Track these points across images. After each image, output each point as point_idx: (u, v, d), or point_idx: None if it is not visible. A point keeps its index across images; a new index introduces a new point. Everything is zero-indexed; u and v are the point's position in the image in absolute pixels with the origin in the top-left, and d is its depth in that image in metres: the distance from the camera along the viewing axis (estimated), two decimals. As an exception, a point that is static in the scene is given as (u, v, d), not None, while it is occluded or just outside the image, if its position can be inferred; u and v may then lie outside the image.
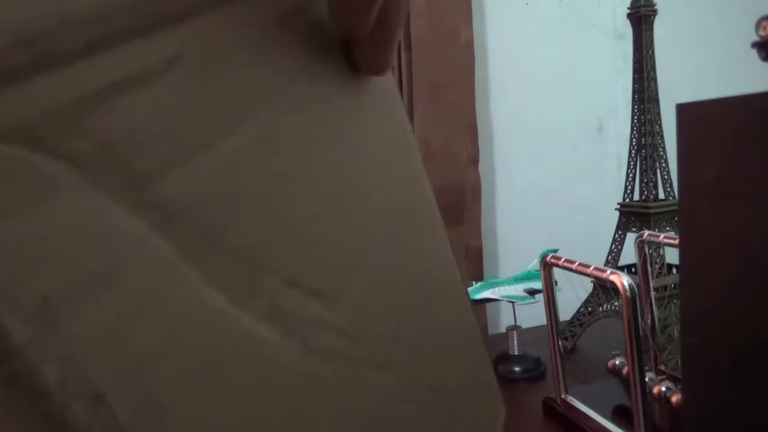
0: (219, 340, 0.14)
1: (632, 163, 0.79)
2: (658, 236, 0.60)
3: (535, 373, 0.74)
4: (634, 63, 0.77)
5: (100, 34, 0.12)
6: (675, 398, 0.55)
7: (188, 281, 0.13)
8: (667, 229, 0.75)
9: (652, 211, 0.75)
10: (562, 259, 0.57)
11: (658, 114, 0.77)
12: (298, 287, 0.16)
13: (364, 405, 0.18)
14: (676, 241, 0.56)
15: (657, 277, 0.73)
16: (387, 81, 0.22)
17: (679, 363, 0.58)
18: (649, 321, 0.62)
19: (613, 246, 0.82)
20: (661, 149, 0.77)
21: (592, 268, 0.52)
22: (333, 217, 0.18)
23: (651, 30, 0.75)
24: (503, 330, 0.82)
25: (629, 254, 0.73)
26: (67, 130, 0.11)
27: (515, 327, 0.76)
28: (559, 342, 0.61)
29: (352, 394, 0.17)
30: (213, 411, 0.13)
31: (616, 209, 0.82)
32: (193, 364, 0.13)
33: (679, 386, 0.55)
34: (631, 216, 0.79)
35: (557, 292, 0.64)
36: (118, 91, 0.12)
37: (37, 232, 0.11)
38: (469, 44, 0.93)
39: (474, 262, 0.95)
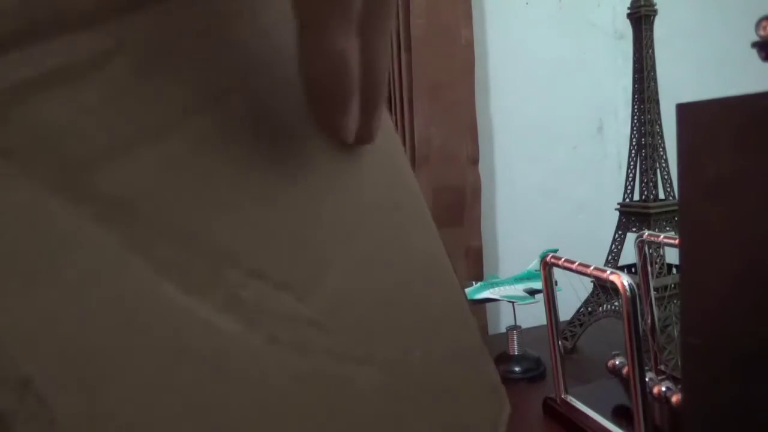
0: (169, 329, 0.13)
1: (632, 163, 0.79)
2: (658, 236, 0.60)
3: (535, 373, 0.74)
4: (634, 63, 0.77)
5: (33, 25, 0.12)
6: (675, 398, 0.55)
7: (133, 271, 0.13)
8: (667, 229, 0.75)
9: (652, 211, 0.75)
10: (562, 259, 0.57)
11: (658, 114, 0.77)
12: (263, 279, 0.16)
13: (345, 400, 0.17)
14: (676, 241, 0.56)
15: (657, 277, 0.73)
16: None
17: (679, 363, 0.58)
18: (649, 321, 0.62)
19: (613, 246, 0.82)
20: (661, 149, 0.77)
21: (592, 268, 0.52)
22: (304, 210, 0.18)
23: (651, 30, 0.75)
24: (503, 330, 0.82)
25: (629, 254, 0.73)
26: None
27: (515, 327, 0.76)
28: (559, 342, 0.61)
29: (331, 388, 0.17)
30: (161, 402, 0.13)
31: (616, 209, 0.82)
32: (139, 353, 0.13)
33: (679, 386, 0.55)
34: (631, 216, 0.79)
35: (557, 292, 0.64)
36: (50, 82, 0.12)
37: None
38: (469, 44, 0.93)
39: (474, 262, 0.95)
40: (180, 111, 0.15)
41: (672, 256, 0.75)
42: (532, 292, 0.76)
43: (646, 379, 0.51)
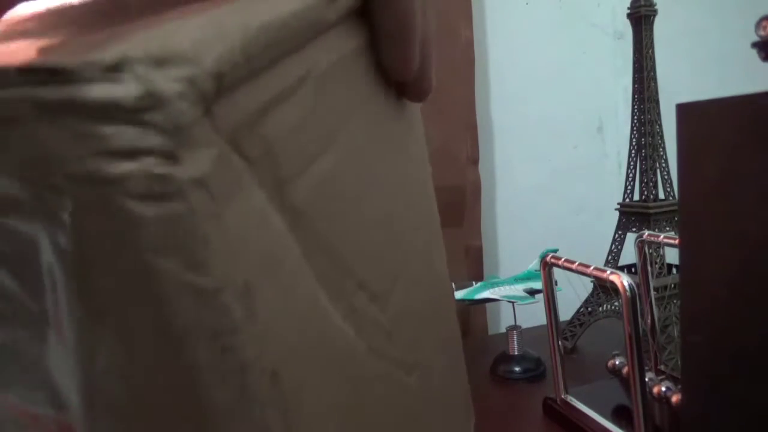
0: (327, 336, 0.15)
1: (632, 163, 0.79)
2: (658, 236, 0.60)
3: (535, 373, 0.74)
4: (634, 63, 0.77)
5: (275, 53, 0.13)
6: (675, 398, 0.55)
7: (308, 278, 0.15)
8: (667, 229, 0.75)
9: (652, 211, 0.75)
10: (562, 259, 0.57)
11: (658, 114, 0.77)
12: (365, 290, 0.17)
13: (402, 403, 0.19)
14: (676, 241, 0.56)
15: (657, 277, 0.73)
16: (416, 105, 0.25)
17: (679, 363, 0.58)
18: (649, 321, 0.62)
19: (613, 246, 0.82)
20: (661, 149, 0.77)
21: (592, 268, 0.52)
22: (390, 227, 0.20)
23: (651, 30, 0.75)
24: (503, 330, 0.82)
25: (629, 254, 0.73)
26: (249, 134, 0.13)
27: (515, 327, 0.76)
28: (559, 342, 0.61)
29: (393, 388, 0.19)
30: (327, 399, 0.14)
31: (616, 209, 0.82)
32: (314, 357, 0.14)
33: (679, 386, 0.55)
34: (631, 216, 0.79)
35: (557, 292, 0.64)
36: (276, 103, 0.14)
37: (238, 222, 0.12)
38: (469, 44, 0.93)
39: (474, 262, 0.95)
40: (334, 130, 0.16)
41: (672, 256, 0.75)
42: (532, 292, 0.76)
43: (646, 379, 0.51)
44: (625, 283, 0.47)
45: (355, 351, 0.16)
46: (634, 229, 0.79)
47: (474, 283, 0.79)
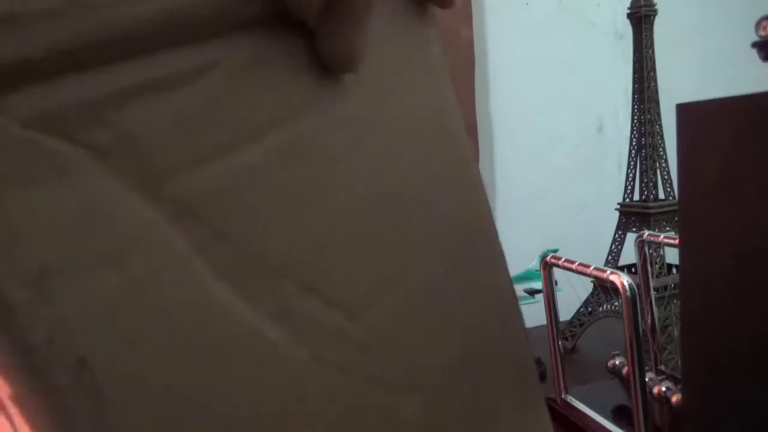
0: (219, 331, 0.14)
1: (632, 163, 0.79)
2: (658, 236, 0.60)
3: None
4: (634, 63, 0.77)
5: (142, 40, 0.13)
6: (675, 398, 0.55)
7: (195, 271, 0.14)
8: (667, 229, 0.75)
9: (652, 211, 0.75)
10: (562, 259, 0.57)
11: (658, 114, 0.77)
12: (316, 295, 0.16)
13: (383, 428, 0.17)
14: (676, 241, 0.56)
15: (657, 277, 0.73)
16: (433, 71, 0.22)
17: (679, 363, 0.58)
18: (649, 321, 0.62)
19: (613, 246, 0.82)
20: (661, 149, 0.77)
21: (592, 268, 0.52)
22: (368, 232, 0.18)
23: (651, 30, 0.75)
24: (503, 330, 0.82)
25: (629, 254, 0.73)
26: (91, 122, 0.13)
27: (515, 327, 0.76)
28: (559, 342, 0.61)
29: (369, 414, 0.17)
30: (201, 399, 0.14)
31: (616, 209, 0.82)
32: (189, 350, 0.14)
33: (679, 386, 0.55)
34: (631, 216, 0.79)
35: (557, 292, 0.64)
36: (146, 92, 0.13)
37: (42, 206, 0.12)
38: (469, 44, 0.93)
39: (474, 262, 0.95)
40: (256, 127, 0.16)
41: (672, 256, 0.75)
42: (532, 292, 0.76)
43: (646, 379, 0.51)
44: (625, 283, 0.47)
45: (286, 357, 0.15)
46: (634, 229, 0.79)
47: (474, 283, 0.78)
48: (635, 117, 0.78)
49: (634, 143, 0.79)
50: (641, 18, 0.75)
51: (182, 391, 0.13)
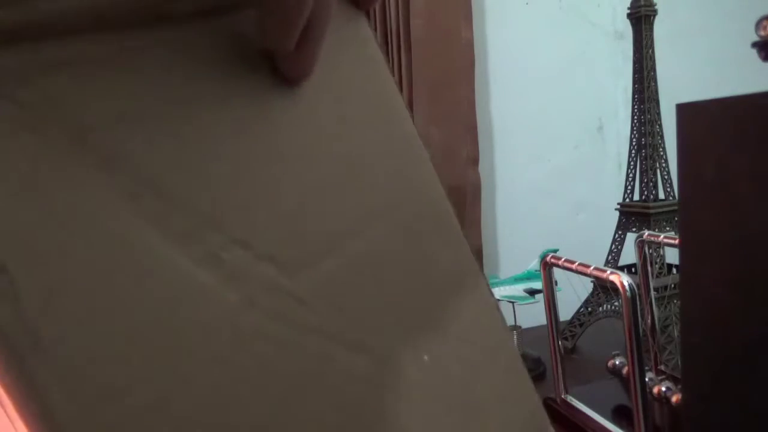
0: (139, 259, 0.16)
1: (632, 163, 0.79)
2: (658, 236, 0.60)
3: (535, 373, 0.74)
4: (634, 63, 0.77)
5: (69, 25, 0.16)
6: (675, 398, 0.55)
7: (121, 214, 0.16)
8: (667, 229, 0.75)
9: (652, 211, 0.75)
10: (562, 259, 0.57)
11: (658, 114, 0.77)
12: (246, 248, 0.18)
13: (323, 378, 0.18)
14: (676, 241, 0.56)
15: (657, 277, 0.73)
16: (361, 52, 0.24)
17: (679, 363, 0.58)
18: (649, 321, 0.62)
19: (613, 246, 0.82)
20: (661, 149, 0.77)
21: (592, 268, 0.52)
22: (309, 195, 0.20)
23: (651, 30, 0.76)
24: (503, 330, 0.82)
25: (629, 254, 0.73)
26: (18, 81, 0.15)
27: (515, 327, 0.76)
28: (559, 342, 0.61)
29: (310, 361, 0.18)
30: (122, 314, 0.15)
31: (616, 209, 0.82)
32: (108, 270, 0.15)
33: (679, 386, 0.55)
34: (631, 216, 0.79)
35: (557, 292, 0.64)
36: (74, 63, 0.16)
37: None
38: (469, 44, 0.93)
39: (474, 262, 0.95)
40: (191, 94, 0.18)
41: (672, 256, 0.75)
42: (532, 292, 0.76)
43: (646, 379, 0.51)
44: (625, 283, 0.47)
45: (214, 300, 0.17)
46: (634, 229, 0.79)
47: (474, 283, 0.78)
48: (635, 117, 0.78)
49: (634, 143, 0.79)
50: (641, 18, 0.75)
51: (102, 305, 0.15)
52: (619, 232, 0.82)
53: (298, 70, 0.20)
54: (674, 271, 0.75)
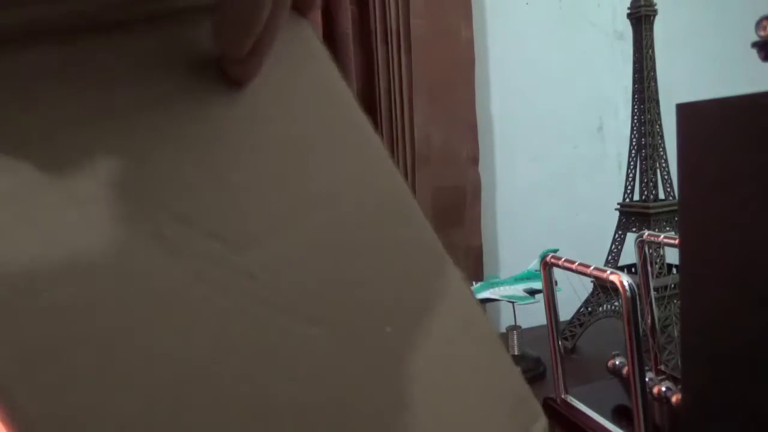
0: (90, 246, 0.16)
1: (632, 163, 0.79)
2: (658, 236, 0.60)
3: (535, 373, 0.74)
4: (634, 63, 0.77)
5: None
6: (675, 398, 0.55)
7: (72, 193, 0.17)
8: (667, 229, 0.75)
9: (652, 211, 0.75)
10: (562, 259, 0.57)
11: (658, 114, 0.77)
12: (189, 225, 0.18)
13: (278, 348, 0.19)
14: (676, 241, 0.56)
15: (657, 277, 0.73)
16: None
17: (679, 363, 0.58)
18: (649, 321, 0.62)
19: (613, 246, 0.82)
20: (661, 149, 0.77)
21: (592, 268, 0.52)
22: (254, 180, 0.20)
23: (651, 30, 0.76)
24: (503, 330, 0.82)
25: (629, 254, 0.73)
26: None
27: (515, 327, 0.76)
28: (559, 342, 0.61)
29: (265, 331, 0.19)
30: (70, 303, 0.15)
31: (616, 209, 0.82)
32: (58, 261, 0.16)
33: (679, 386, 0.55)
34: (631, 216, 0.79)
35: (557, 292, 0.64)
36: (15, 74, 0.17)
37: None
38: (469, 44, 0.93)
39: (474, 262, 0.95)
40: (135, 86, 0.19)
41: (672, 256, 0.75)
42: (532, 292, 0.76)
43: (646, 379, 0.51)
44: (625, 283, 0.47)
45: (162, 273, 0.17)
46: (634, 229, 0.79)
47: (474, 283, 0.79)
48: (635, 117, 0.78)
49: (634, 143, 0.79)
50: (641, 18, 0.75)
51: (47, 283, 0.15)
52: (619, 232, 0.82)
53: (246, 74, 0.21)
54: (674, 271, 0.75)
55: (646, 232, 0.63)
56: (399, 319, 0.22)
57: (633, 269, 0.77)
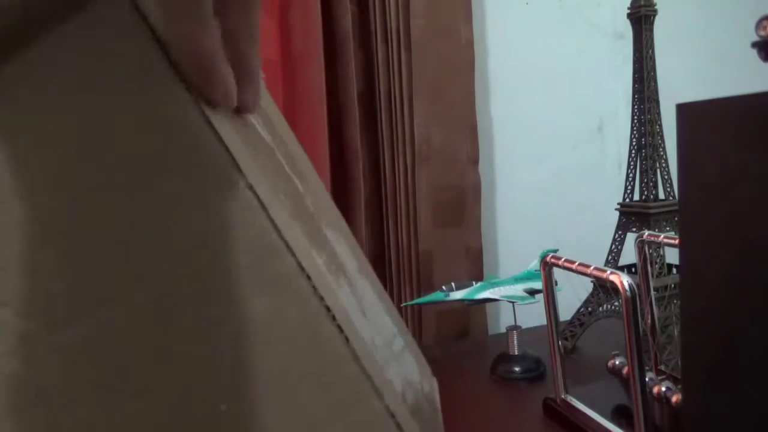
0: None
1: (632, 163, 0.79)
2: (658, 236, 0.60)
3: (535, 373, 0.74)
4: (634, 63, 0.77)
5: None
6: (675, 398, 0.55)
7: None
8: (667, 229, 0.75)
9: (652, 211, 0.75)
10: (562, 259, 0.57)
11: (658, 114, 0.77)
12: (4, 307, 0.19)
13: (101, 424, 0.19)
14: (676, 241, 0.56)
15: (657, 277, 0.73)
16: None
17: (679, 363, 0.58)
18: (649, 321, 0.62)
19: (613, 246, 0.82)
20: (661, 149, 0.77)
21: (592, 268, 0.52)
22: (68, 258, 0.20)
23: (651, 30, 0.76)
24: (503, 330, 0.82)
25: (629, 254, 0.73)
26: None
27: (515, 327, 0.76)
28: (559, 342, 0.61)
29: (82, 408, 0.19)
30: None
31: (616, 209, 0.82)
32: None
33: (679, 386, 0.55)
34: (631, 216, 0.79)
35: (557, 292, 0.64)
36: None
37: None
38: (469, 44, 0.93)
39: (474, 262, 0.95)
40: None
41: (672, 256, 0.75)
42: (532, 292, 0.76)
43: (646, 379, 0.51)
44: (625, 283, 0.47)
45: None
46: (634, 229, 0.79)
47: (474, 283, 0.79)
48: (635, 117, 0.78)
49: (634, 143, 0.79)
50: (641, 18, 0.75)
51: None
52: (619, 232, 0.82)
53: (245, 108, 0.22)
54: (674, 271, 0.75)
55: (646, 232, 0.63)
56: (237, 396, 0.21)
57: (633, 269, 0.77)
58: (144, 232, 0.20)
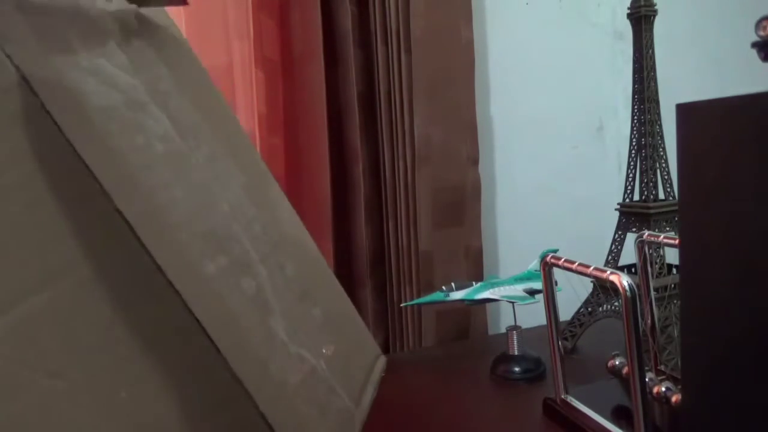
0: None
1: (632, 163, 0.79)
2: (658, 236, 0.60)
3: (535, 373, 0.74)
4: (634, 63, 0.77)
5: None
6: (675, 398, 0.55)
7: None
8: (667, 229, 0.75)
9: (652, 211, 0.75)
10: (562, 259, 0.57)
11: (658, 114, 0.77)
12: None
13: (31, 402, 0.22)
14: (676, 241, 0.56)
15: (657, 277, 0.73)
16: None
17: (679, 363, 0.58)
18: (649, 321, 0.62)
19: (613, 246, 0.82)
20: (661, 149, 0.77)
21: (592, 268, 0.52)
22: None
23: (651, 30, 0.75)
24: (503, 330, 0.82)
25: (629, 254, 0.73)
26: None
27: (515, 327, 0.76)
28: (559, 342, 0.61)
29: (19, 391, 0.22)
30: None
31: (616, 209, 0.82)
32: None
33: (679, 386, 0.55)
34: (631, 216, 0.79)
35: (557, 292, 0.64)
36: None
37: None
38: (469, 44, 0.93)
39: (474, 262, 0.95)
40: None
41: (672, 256, 0.75)
42: (532, 292, 0.76)
43: (646, 379, 0.51)
44: (625, 283, 0.47)
45: None
46: (634, 229, 0.79)
47: (474, 283, 0.79)
48: (635, 117, 0.78)
49: (634, 143, 0.79)
50: (641, 18, 0.75)
51: None
52: (619, 232, 0.82)
53: None
54: (674, 271, 0.75)
55: (646, 233, 0.63)
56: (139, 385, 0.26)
57: (633, 269, 0.77)
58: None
